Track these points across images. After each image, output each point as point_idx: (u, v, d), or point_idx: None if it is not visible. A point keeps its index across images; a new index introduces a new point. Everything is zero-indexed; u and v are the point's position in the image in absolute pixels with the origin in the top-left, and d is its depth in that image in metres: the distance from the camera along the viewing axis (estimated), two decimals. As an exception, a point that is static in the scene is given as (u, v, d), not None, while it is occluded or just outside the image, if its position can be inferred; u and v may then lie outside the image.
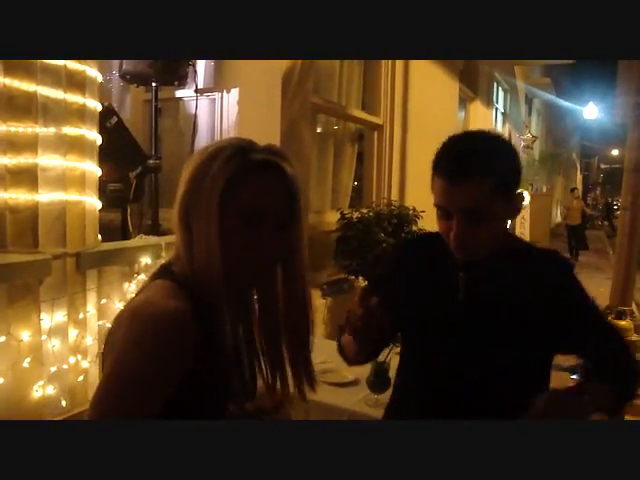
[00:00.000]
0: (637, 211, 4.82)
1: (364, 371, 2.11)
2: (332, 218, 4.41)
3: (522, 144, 12.76)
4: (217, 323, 0.99)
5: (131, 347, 0.92)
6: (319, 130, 4.76)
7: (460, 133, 1.35)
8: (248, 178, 0.99)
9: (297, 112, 3.68)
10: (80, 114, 2.29)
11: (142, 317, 0.93)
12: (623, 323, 3.82)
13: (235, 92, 3.67)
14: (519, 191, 1.33)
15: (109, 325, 1.05)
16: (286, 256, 1.06)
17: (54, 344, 2.22)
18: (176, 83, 3.54)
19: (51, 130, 2.17)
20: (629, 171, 4.85)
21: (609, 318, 3.94)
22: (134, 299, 1.02)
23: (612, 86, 5.56)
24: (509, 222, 1.51)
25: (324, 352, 2.68)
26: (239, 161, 0.99)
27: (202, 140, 3.84)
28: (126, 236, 3.16)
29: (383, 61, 5.31)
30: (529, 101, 15.50)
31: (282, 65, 3.51)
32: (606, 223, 24.77)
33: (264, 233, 1.00)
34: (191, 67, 3.48)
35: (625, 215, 4.93)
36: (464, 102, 8.58)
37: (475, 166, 1.22)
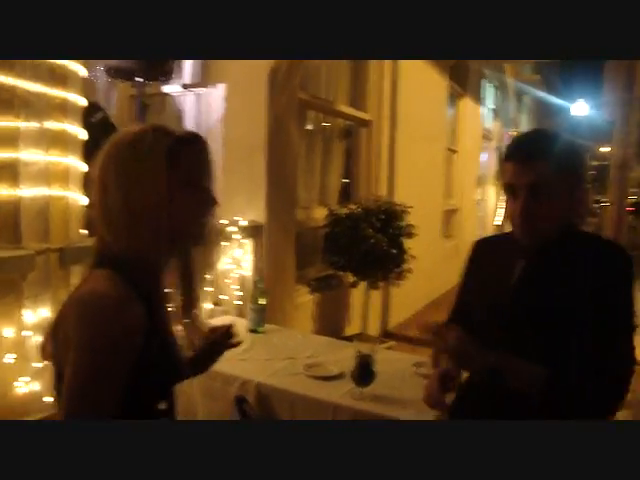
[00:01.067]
0: (622, 206, 4.85)
1: (349, 365, 2.12)
2: (320, 214, 4.41)
3: (508, 141, 12.83)
4: (156, 302, 1.11)
5: (88, 342, 1.00)
6: (308, 126, 4.74)
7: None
8: (183, 150, 1.11)
9: (284, 108, 3.66)
10: (62, 108, 2.27)
11: (90, 310, 1.02)
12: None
13: (222, 87, 3.65)
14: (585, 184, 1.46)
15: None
16: None
17: (38, 340, 2.20)
18: (162, 79, 3.52)
19: (33, 124, 2.15)
20: (616, 167, 4.89)
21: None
22: (78, 291, 1.09)
23: (601, 83, 5.60)
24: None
25: (311, 347, 2.69)
26: (169, 138, 1.10)
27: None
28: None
29: (372, 57, 5.32)
30: (519, 98, 15.51)
31: (269, 61, 3.50)
32: (595, 219, 24.74)
33: (206, 196, 1.16)
34: (176, 63, 3.47)
35: (611, 210, 4.96)
36: (453, 98, 8.58)
37: (537, 149, 1.39)
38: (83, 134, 2.45)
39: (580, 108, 17.19)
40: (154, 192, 1.08)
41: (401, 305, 5.91)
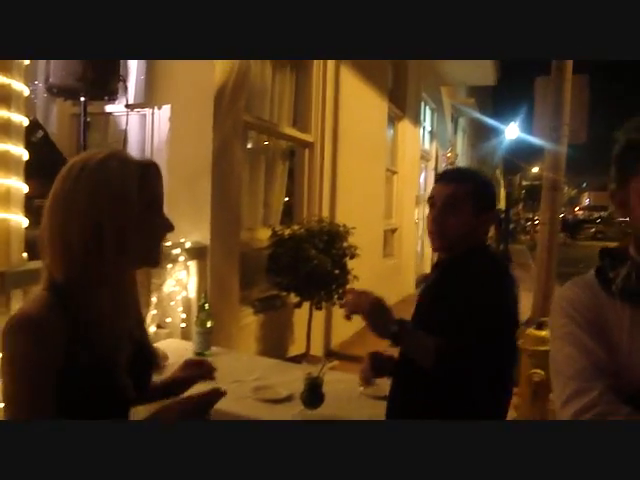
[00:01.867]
0: (554, 226, 5.09)
1: (298, 386, 2.14)
2: (264, 235, 4.43)
3: (445, 162, 13.21)
4: (92, 321, 1.17)
5: (6, 359, 1.09)
6: (249, 146, 4.76)
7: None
8: (146, 175, 1.21)
9: (229, 130, 3.68)
10: (5, 129, 2.23)
11: (10, 328, 1.09)
12: (543, 334, 4.00)
13: (167, 108, 3.64)
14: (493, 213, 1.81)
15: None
16: None
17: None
18: (106, 98, 3.48)
19: (-26, 145, 2.10)
20: (547, 189, 5.12)
21: (530, 330, 4.12)
22: None
23: (531, 106, 5.86)
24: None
25: (257, 369, 2.69)
26: (134, 163, 1.20)
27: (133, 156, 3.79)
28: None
29: (314, 79, 5.40)
30: (455, 120, 16.02)
31: (214, 83, 3.52)
32: (527, 237, 25.58)
33: (164, 220, 1.26)
34: (122, 82, 3.44)
35: (544, 230, 5.19)
36: (393, 120, 8.80)
37: (456, 176, 1.82)
38: (26, 155, 2.40)
39: (511, 131, 17.91)
40: (125, 215, 1.16)
41: (343, 324, 5.95)
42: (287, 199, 5.38)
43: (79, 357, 1.12)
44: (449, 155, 13.60)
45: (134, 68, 3.78)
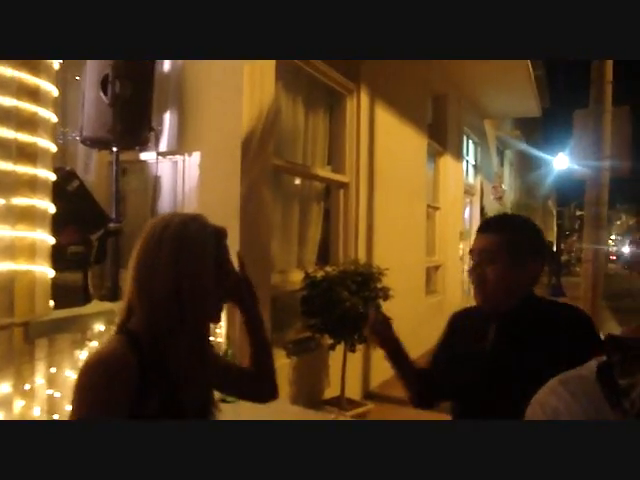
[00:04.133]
0: (598, 264, 4.92)
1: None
2: (297, 277, 4.43)
3: (493, 195, 13.04)
4: (166, 367, 1.25)
5: (78, 395, 1.18)
6: (285, 188, 4.81)
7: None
8: (220, 238, 1.35)
9: (257, 175, 3.73)
10: (31, 185, 2.31)
11: (84, 368, 1.20)
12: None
13: (197, 155, 3.72)
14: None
15: (58, 395, 1.30)
16: None
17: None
18: (137, 148, 3.60)
19: (0, 201, 2.18)
20: (589, 227, 4.97)
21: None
22: None
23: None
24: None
25: (284, 417, 2.66)
26: (210, 228, 1.33)
27: (164, 202, 3.89)
28: (87, 298, 3.16)
29: (348, 117, 5.43)
30: (501, 153, 15.85)
31: (242, 130, 3.58)
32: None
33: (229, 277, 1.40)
34: (153, 132, 3.55)
35: (588, 267, 5.02)
36: (433, 156, 8.75)
37: (492, 225, 1.72)
38: (52, 208, 2.48)
39: (561, 161, 17.57)
40: (203, 273, 1.28)
41: (384, 364, 5.86)
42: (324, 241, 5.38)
43: (149, 400, 1.20)
44: (497, 188, 13.42)
45: (167, 117, 3.89)
